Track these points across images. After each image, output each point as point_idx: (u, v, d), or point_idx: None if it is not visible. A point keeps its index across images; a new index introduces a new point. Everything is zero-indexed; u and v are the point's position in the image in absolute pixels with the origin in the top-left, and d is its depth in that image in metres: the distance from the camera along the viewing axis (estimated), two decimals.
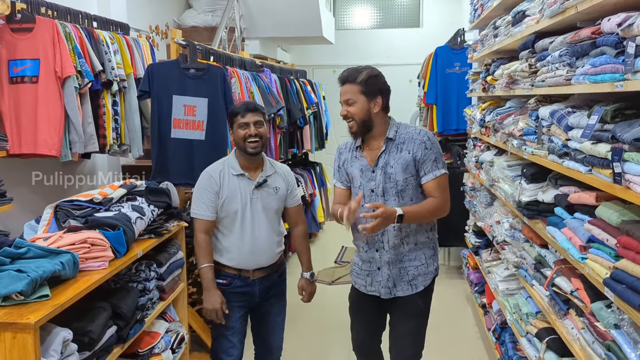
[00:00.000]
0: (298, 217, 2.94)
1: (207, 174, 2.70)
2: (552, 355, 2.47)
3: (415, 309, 2.60)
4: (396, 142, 2.50)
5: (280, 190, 2.78)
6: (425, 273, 2.57)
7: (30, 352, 1.69)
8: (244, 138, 2.64)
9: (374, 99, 2.47)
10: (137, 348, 2.57)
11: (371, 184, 2.51)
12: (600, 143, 1.87)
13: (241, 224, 2.67)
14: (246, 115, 2.65)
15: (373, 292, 2.63)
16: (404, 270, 2.55)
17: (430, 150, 2.45)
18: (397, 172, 2.46)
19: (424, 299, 2.61)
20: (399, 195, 2.47)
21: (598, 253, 1.95)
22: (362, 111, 2.46)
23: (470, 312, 4.69)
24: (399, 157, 2.47)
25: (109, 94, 3.48)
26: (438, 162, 2.47)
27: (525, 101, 3.12)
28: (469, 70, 4.95)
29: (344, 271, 5.76)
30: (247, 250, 2.69)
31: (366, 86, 2.46)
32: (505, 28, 3.33)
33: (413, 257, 2.55)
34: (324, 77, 8.21)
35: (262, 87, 4.47)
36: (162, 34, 6.41)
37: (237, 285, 2.72)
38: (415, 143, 2.46)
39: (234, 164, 2.70)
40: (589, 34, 1.98)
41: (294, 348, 3.32)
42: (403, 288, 2.56)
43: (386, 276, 2.56)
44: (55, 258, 1.98)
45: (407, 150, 2.47)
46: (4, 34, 3.07)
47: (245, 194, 2.68)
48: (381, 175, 2.49)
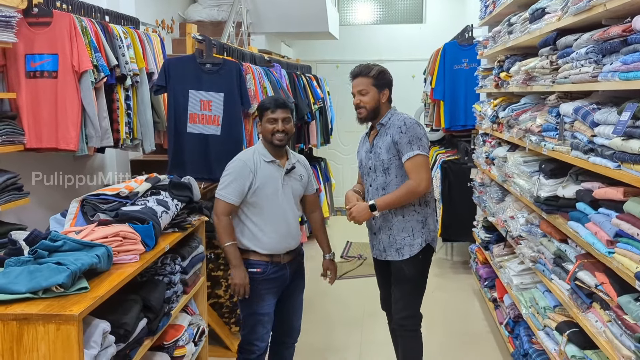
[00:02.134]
0: (315, 203, 3.14)
1: (241, 161, 2.78)
2: (574, 348, 2.51)
3: (402, 275, 2.91)
4: (385, 127, 2.89)
5: (304, 178, 2.95)
6: (411, 244, 2.87)
7: (73, 344, 1.70)
8: (272, 132, 2.76)
9: (382, 91, 2.89)
10: (162, 341, 2.59)
11: (370, 162, 2.95)
12: (632, 139, 1.90)
13: (273, 208, 2.77)
14: (276, 112, 2.77)
15: (373, 255, 3.05)
16: (392, 238, 2.89)
17: (404, 134, 2.78)
18: (382, 153, 2.86)
19: (410, 266, 2.89)
20: (385, 173, 2.87)
21: (627, 247, 1.99)
22: (373, 100, 2.87)
23: (479, 306, 4.74)
24: (384, 140, 2.86)
25: (122, 88, 3.48)
26: (413, 144, 2.77)
27: (543, 98, 3.15)
28: (477, 67, 4.99)
29: (351, 266, 5.80)
30: (280, 234, 2.79)
31: (377, 79, 2.87)
32: (521, 25, 3.35)
33: (401, 228, 2.88)
34: (327, 73, 8.21)
35: (273, 83, 4.47)
36: (168, 28, 6.39)
37: (270, 272, 2.79)
38: (394, 128, 2.83)
39: (264, 152, 2.81)
40: (619, 32, 2.01)
41: (306, 341, 3.35)
42: (392, 254, 2.91)
43: (379, 240, 2.95)
44: (90, 251, 2.00)
45: (389, 135, 2.84)
46: (21, 28, 3.05)
47: (277, 179, 2.79)
48: (374, 154, 2.91)
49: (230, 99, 3.62)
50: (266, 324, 2.81)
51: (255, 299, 2.77)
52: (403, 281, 2.92)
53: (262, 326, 2.80)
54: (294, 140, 5.48)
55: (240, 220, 2.80)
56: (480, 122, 4.69)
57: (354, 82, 2.91)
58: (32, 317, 1.71)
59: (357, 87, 2.89)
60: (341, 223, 7.81)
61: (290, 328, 3.01)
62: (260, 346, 2.83)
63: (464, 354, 3.86)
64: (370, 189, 2.96)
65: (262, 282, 2.77)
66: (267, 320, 2.82)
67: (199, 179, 3.62)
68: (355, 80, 2.90)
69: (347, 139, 8.83)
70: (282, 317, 2.96)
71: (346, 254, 6.19)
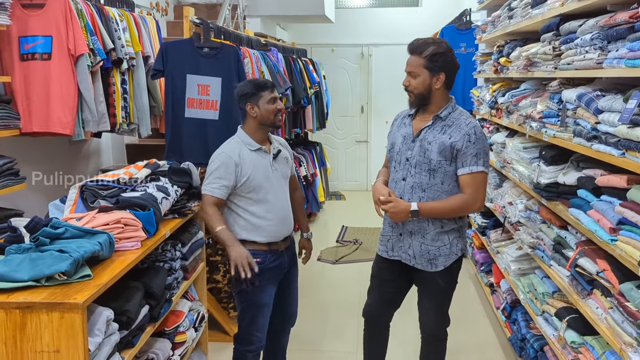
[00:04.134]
0: (295, 183, 3.06)
1: (225, 154, 2.67)
2: (573, 333, 2.54)
3: (436, 287, 2.66)
4: (443, 123, 2.51)
5: (289, 160, 2.89)
6: (447, 254, 2.58)
7: (78, 332, 1.69)
8: (275, 112, 2.69)
9: (437, 75, 2.46)
10: (163, 327, 2.59)
11: (408, 152, 2.55)
12: (638, 127, 1.90)
13: (267, 196, 2.70)
14: (274, 91, 2.71)
15: (395, 257, 2.68)
16: (425, 247, 2.58)
17: (473, 144, 2.44)
18: (432, 151, 2.48)
19: (445, 278, 2.64)
20: (431, 174, 2.50)
21: (630, 235, 2.00)
22: (422, 85, 2.48)
23: (474, 290, 4.76)
24: (440, 137, 2.48)
25: (118, 72, 3.43)
26: (479, 158, 2.45)
27: (544, 84, 3.14)
28: (475, 51, 4.96)
29: (347, 250, 5.80)
30: (277, 220, 2.73)
31: (431, 61, 2.45)
32: (522, 10, 3.33)
33: (437, 238, 2.57)
34: (322, 56, 8.15)
35: (270, 67, 4.43)
36: (162, 10, 6.30)
37: (270, 261, 2.72)
38: (461, 132, 2.46)
39: (248, 141, 2.71)
40: (626, 18, 1.99)
41: (301, 326, 3.35)
42: (423, 264, 2.61)
43: (407, 244, 2.61)
44: (92, 238, 1.97)
45: (449, 135, 2.47)
46: (14, 9, 2.99)
47: (266, 166, 2.72)
48: (419, 147, 2.52)
49: (228, 84, 3.58)
50: (266, 314, 2.76)
51: (255, 290, 2.67)
52: (437, 292, 2.68)
53: (263, 317, 2.75)
54: (290, 124, 5.45)
55: (236, 214, 2.71)
56: (477, 107, 4.68)
57: (408, 59, 2.52)
58: (35, 305, 1.69)
59: (408, 67, 2.51)
60: (336, 207, 7.82)
61: (287, 314, 2.98)
62: (259, 337, 2.77)
63: (460, 338, 3.88)
64: (404, 184, 2.57)
65: (262, 272, 2.66)
66: (267, 310, 2.77)
67: (196, 163, 3.57)
68: (409, 58, 2.51)
69: (342, 123, 8.81)
70: (279, 304, 2.93)
71: (342, 239, 6.19)
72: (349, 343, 3.82)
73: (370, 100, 8.75)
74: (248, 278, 2.53)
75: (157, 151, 3.82)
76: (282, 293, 2.92)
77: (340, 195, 8.54)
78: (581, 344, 2.47)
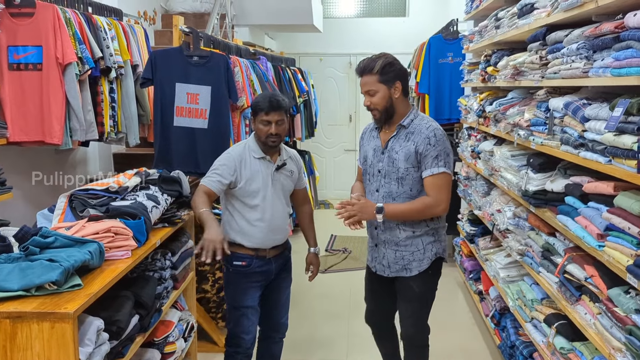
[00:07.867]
0: (305, 198, 3.09)
1: (229, 155, 2.77)
2: (562, 339, 2.55)
3: (410, 292, 2.70)
4: (407, 131, 2.58)
5: (294, 174, 2.92)
6: (421, 259, 2.64)
7: (68, 342, 1.68)
8: (266, 135, 2.72)
9: (393, 85, 2.55)
10: (153, 337, 2.57)
11: (379, 164, 2.63)
12: (624, 134, 1.93)
13: (262, 204, 2.75)
14: (270, 114, 2.70)
15: (373, 268, 2.78)
16: (399, 254, 2.64)
17: (432, 147, 2.51)
18: (399, 159, 2.56)
19: (419, 283, 2.67)
20: (399, 182, 2.58)
21: (617, 241, 2.02)
22: (383, 100, 2.55)
23: (463, 298, 4.79)
24: (405, 145, 2.56)
25: (107, 81, 3.43)
26: (439, 159, 2.51)
27: (531, 92, 3.18)
28: (462, 61, 5.01)
29: (336, 259, 5.81)
30: (267, 229, 2.77)
31: (384, 74, 2.53)
32: (509, 20, 3.37)
33: (409, 243, 2.63)
34: (310, 66, 8.19)
35: (259, 76, 4.45)
36: (150, 19, 6.30)
37: (255, 265, 2.78)
38: (421, 136, 2.53)
39: (254, 148, 2.78)
40: (611, 28, 2.03)
41: (292, 335, 3.34)
42: (397, 270, 2.66)
43: (382, 254, 2.69)
44: (82, 247, 1.96)
45: (412, 141, 2.55)
46: (3, 19, 2.98)
47: (266, 175, 2.77)
48: (387, 158, 2.60)
49: (218, 92, 3.59)
50: (251, 316, 2.80)
51: (239, 292, 2.78)
52: (412, 299, 2.70)
53: (247, 318, 2.79)
54: None
55: (231, 215, 2.78)
56: (465, 116, 4.72)
57: (360, 80, 2.60)
58: (26, 315, 1.68)
59: (364, 87, 2.57)
60: (325, 216, 7.81)
61: (276, 323, 3.00)
62: (246, 339, 2.81)
63: (449, 346, 3.90)
64: (376, 195, 2.64)
65: (247, 275, 2.77)
66: (252, 312, 2.81)
67: (185, 172, 3.58)
68: (361, 79, 2.58)
69: (330, 132, 8.85)
70: (268, 311, 2.96)
71: (331, 248, 6.20)
72: (338, 352, 3.82)
73: (358, 109, 8.78)
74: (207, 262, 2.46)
75: (145, 160, 3.81)
76: (270, 299, 2.94)
77: (328, 204, 8.55)
78: (570, 350, 2.49)
